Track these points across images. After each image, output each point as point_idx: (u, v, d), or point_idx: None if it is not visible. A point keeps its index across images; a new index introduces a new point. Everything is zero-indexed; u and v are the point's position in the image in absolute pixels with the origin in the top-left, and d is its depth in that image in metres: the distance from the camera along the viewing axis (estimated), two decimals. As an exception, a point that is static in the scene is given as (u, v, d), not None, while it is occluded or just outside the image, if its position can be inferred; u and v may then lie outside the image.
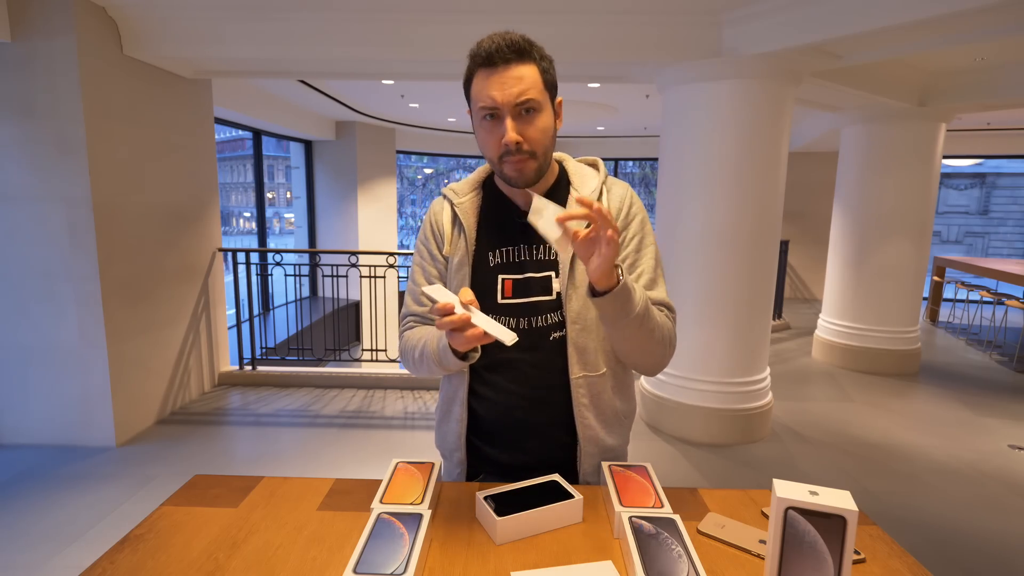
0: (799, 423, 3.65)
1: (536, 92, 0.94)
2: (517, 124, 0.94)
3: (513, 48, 0.92)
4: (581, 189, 1.06)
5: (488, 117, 0.95)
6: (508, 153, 0.95)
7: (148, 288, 3.37)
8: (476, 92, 0.96)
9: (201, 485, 1.03)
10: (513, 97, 0.92)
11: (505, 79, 0.92)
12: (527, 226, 1.02)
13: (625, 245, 1.06)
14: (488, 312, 1.02)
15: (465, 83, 0.99)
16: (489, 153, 0.99)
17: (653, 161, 10.01)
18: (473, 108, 0.98)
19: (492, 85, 0.93)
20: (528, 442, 1.07)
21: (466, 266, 1.05)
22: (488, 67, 0.93)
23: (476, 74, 0.95)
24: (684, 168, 3.24)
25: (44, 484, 2.71)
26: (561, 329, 1.04)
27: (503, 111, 0.93)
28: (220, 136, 4.98)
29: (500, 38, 0.93)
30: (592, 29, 3.00)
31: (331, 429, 3.44)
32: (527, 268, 1.04)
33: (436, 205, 1.12)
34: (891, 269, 4.60)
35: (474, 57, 0.95)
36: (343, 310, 6.79)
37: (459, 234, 1.07)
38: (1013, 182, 15.48)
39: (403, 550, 0.78)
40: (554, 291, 1.03)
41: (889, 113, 4.40)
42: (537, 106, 0.95)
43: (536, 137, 0.96)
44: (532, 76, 0.94)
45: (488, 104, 0.93)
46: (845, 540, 0.68)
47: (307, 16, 3.01)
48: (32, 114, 2.84)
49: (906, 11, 2.31)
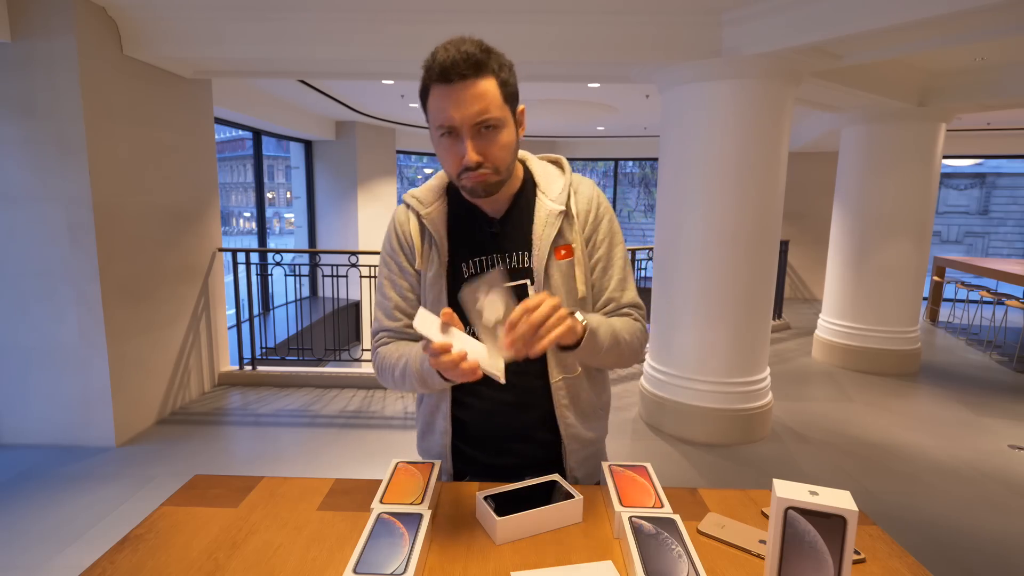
0: (799, 423, 3.65)
1: (496, 109, 0.90)
2: (476, 143, 0.90)
3: (470, 62, 0.87)
4: (548, 192, 1.04)
5: (446, 135, 0.91)
6: (468, 169, 0.92)
7: (148, 288, 3.37)
8: (432, 108, 0.91)
9: (201, 485, 1.03)
10: (472, 117, 0.88)
11: (463, 98, 0.88)
12: (496, 235, 1.04)
13: (596, 248, 1.06)
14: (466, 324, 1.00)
15: (421, 93, 0.94)
16: (448, 169, 0.96)
17: (653, 161, 10.01)
18: (431, 123, 0.93)
19: (449, 104, 0.88)
20: (512, 444, 1.08)
21: (442, 279, 1.02)
22: (444, 83, 0.88)
23: (432, 89, 0.90)
24: (684, 168, 3.24)
25: (44, 484, 2.71)
26: None
27: (461, 131, 0.90)
28: (220, 136, 4.98)
29: (455, 50, 0.87)
30: (592, 29, 3.00)
31: (331, 429, 3.44)
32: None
33: (401, 215, 1.07)
34: (891, 269, 4.60)
35: (428, 70, 0.89)
36: (343, 310, 6.79)
37: (430, 246, 1.03)
38: (1013, 182, 15.48)
39: (403, 550, 0.78)
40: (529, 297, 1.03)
41: (889, 113, 4.40)
42: (497, 123, 0.91)
43: (497, 154, 0.93)
44: (491, 92, 0.89)
45: (445, 123, 0.90)
46: (845, 540, 0.68)
47: (307, 16, 3.01)
48: (32, 114, 2.84)
49: (906, 11, 2.31)
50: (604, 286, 1.06)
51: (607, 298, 1.06)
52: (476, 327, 0.85)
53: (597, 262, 1.06)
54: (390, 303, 1.07)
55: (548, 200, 1.03)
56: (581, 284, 1.03)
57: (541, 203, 1.03)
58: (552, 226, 1.01)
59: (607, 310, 1.06)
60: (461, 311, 0.97)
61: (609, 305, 1.06)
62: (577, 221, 1.04)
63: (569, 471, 1.10)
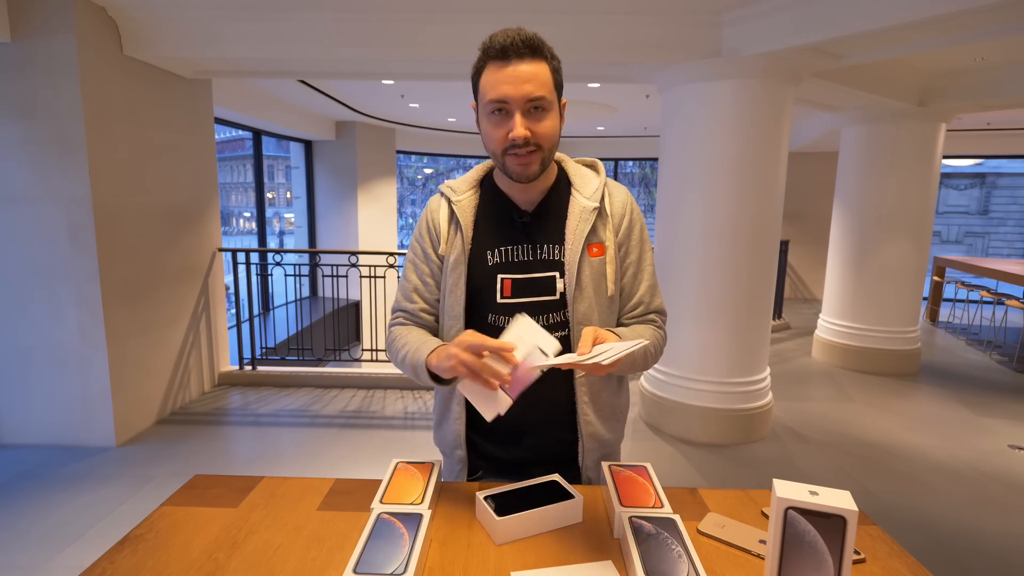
0: (799, 423, 3.65)
1: (547, 91, 0.94)
2: (526, 120, 0.94)
3: (527, 44, 0.92)
4: (582, 190, 1.06)
5: (497, 112, 0.95)
6: (514, 146, 0.95)
7: (148, 288, 3.37)
8: (486, 85, 0.95)
9: (201, 485, 1.03)
10: (525, 94, 0.92)
11: (518, 74, 0.92)
12: (528, 225, 1.05)
13: (629, 252, 1.08)
14: (487, 314, 1.04)
15: (474, 75, 0.98)
16: (493, 147, 0.98)
17: (653, 161, 10.01)
18: (480, 101, 0.97)
19: (504, 80, 0.92)
20: (528, 439, 1.08)
21: (462, 264, 1.04)
22: (501, 61, 0.93)
23: (487, 67, 0.95)
24: (684, 168, 3.24)
25: (44, 484, 2.71)
26: (563, 329, 1.05)
27: (513, 107, 0.93)
28: (220, 136, 4.98)
29: (515, 33, 0.93)
30: (592, 29, 3.00)
31: (331, 429, 3.44)
32: (530, 268, 1.04)
33: (433, 203, 1.11)
34: (891, 269, 4.60)
35: (487, 50, 0.94)
36: (343, 310, 6.79)
37: (456, 232, 1.05)
38: (1013, 182, 15.48)
39: (403, 550, 0.78)
40: (558, 291, 1.03)
41: (889, 113, 4.40)
42: (547, 105, 0.95)
43: (544, 134, 0.96)
44: (544, 74, 0.94)
45: (498, 98, 0.93)
46: (845, 540, 0.68)
47: (307, 16, 3.01)
48: (32, 114, 2.84)
49: (906, 11, 2.31)
50: (635, 290, 1.09)
51: (637, 301, 1.09)
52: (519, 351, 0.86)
53: (629, 266, 1.08)
54: (410, 285, 1.10)
55: (583, 197, 1.05)
56: (611, 283, 1.05)
57: (576, 199, 1.05)
58: (586, 222, 1.03)
59: (636, 312, 1.09)
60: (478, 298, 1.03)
61: (639, 308, 1.09)
62: (611, 221, 1.06)
63: (584, 470, 1.09)
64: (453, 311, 1.05)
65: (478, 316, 1.05)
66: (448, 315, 1.06)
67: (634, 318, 1.09)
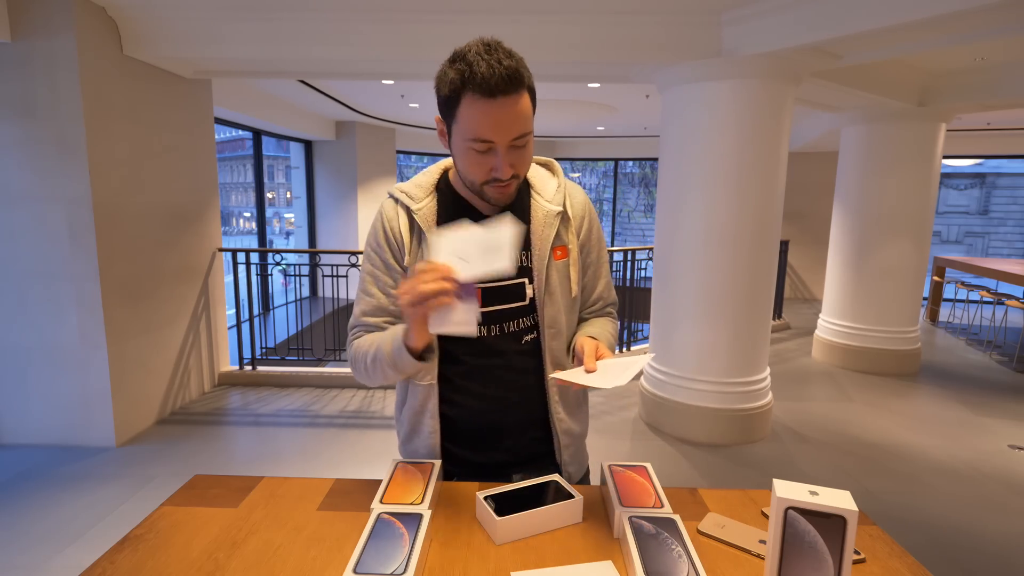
0: (799, 423, 3.65)
1: (529, 123, 0.92)
2: (510, 156, 0.92)
3: (512, 79, 0.87)
4: (543, 193, 1.05)
5: (478, 145, 0.91)
6: (498, 181, 0.93)
7: (148, 288, 3.37)
8: (468, 119, 0.89)
9: (201, 485, 1.03)
10: (511, 134, 0.90)
11: (505, 117, 0.88)
12: None
13: (589, 252, 1.11)
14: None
15: (449, 95, 0.90)
16: (473, 177, 0.95)
17: (653, 161, 10.01)
18: (459, 131, 0.92)
19: (490, 121, 0.88)
20: (504, 441, 1.09)
21: None
22: (484, 96, 0.86)
23: (466, 96, 0.88)
24: (684, 168, 3.24)
25: (44, 484, 2.71)
26: (533, 332, 1.06)
27: (499, 147, 0.90)
28: (220, 136, 4.98)
29: (497, 63, 0.85)
30: (593, 29, 3.00)
31: (331, 429, 3.44)
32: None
33: (389, 210, 1.05)
34: (891, 269, 4.60)
35: (465, 79, 0.87)
36: (343, 310, 6.78)
37: (419, 243, 1.03)
38: (1013, 182, 15.48)
39: (403, 550, 0.78)
40: (527, 297, 1.04)
41: (889, 113, 4.40)
42: (528, 136, 0.93)
43: (525, 165, 0.96)
44: (526, 107, 0.91)
45: (484, 138, 0.89)
46: (845, 540, 0.68)
47: (307, 16, 3.01)
48: (32, 114, 2.84)
49: (906, 11, 2.31)
50: (595, 287, 1.14)
51: (597, 297, 1.14)
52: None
53: (590, 265, 1.12)
54: (373, 301, 1.06)
55: (544, 201, 1.05)
56: (575, 284, 1.07)
57: (538, 203, 1.05)
58: (551, 226, 1.04)
59: (595, 308, 1.15)
60: None
61: (598, 304, 1.15)
62: (573, 223, 1.07)
63: (564, 466, 1.11)
64: None
65: None
66: None
67: (592, 313, 1.15)
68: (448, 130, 0.95)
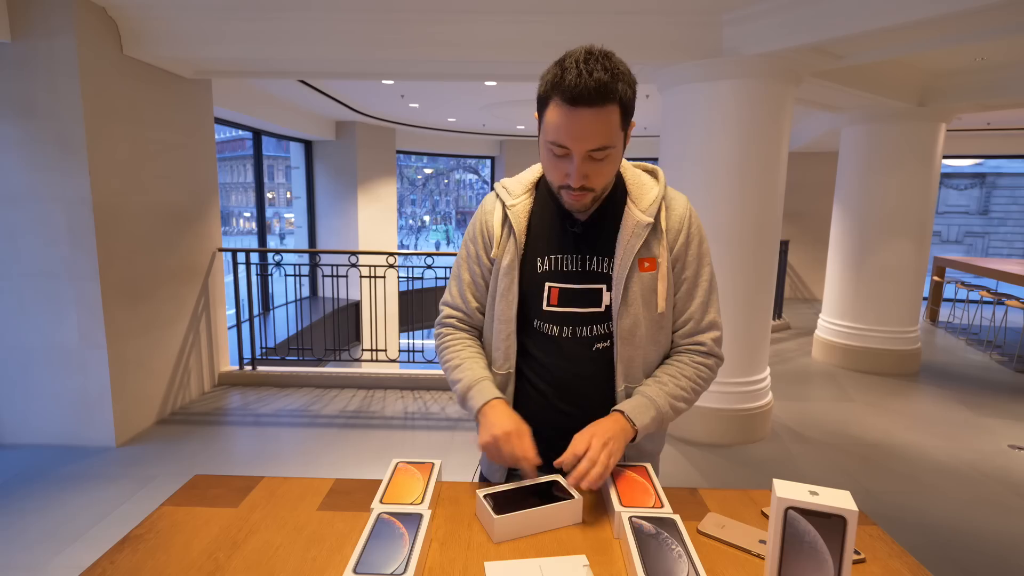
0: (799, 423, 3.65)
1: (610, 138, 0.90)
2: (584, 167, 0.92)
3: (600, 92, 0.86)
4: (638, 202, 1.02)
5: (557, 149, 0.93)
6: (569, 188, 0.95)
7: (148, 288, 3.37)
8: (550, 122, 0.91)
9: (201, 485, 1.03)
10: (586, 146, 0.90)
11: (583, 128, 0.88)
12: (580, 236, 1.04)
13: (684, 268, 1.05)
14: (533, 319, 1.06)
15: (541, 95, 0.93)
16: (551, 178, 0.99)
17: (653, 161, 10.00)
18: (543, 131, 0.94)
19: (568, 128, 0.89)
20: (561, 443, 1.02)
21: (515, 270, 1.04)
22: (568, 105, 0.87)
23: (553, 101, 0.90)
24: (684, 168, 3.24)
25: (44, 484, 2.71)
26: (605, 340, 1.04)
27: (574, 154, 0.91)
28: (220, 136, 4.98)
29: (587, 75, 0.85)
30: (593, 29, 3.00)
31: (331, 429, 3.44)
32: (577, 279, 1.03)
33: (488, 204, 1.11)
34: (891, 269, 4.60)
35: (554, 83, 0.88)
36: (343, 310, 6.79)
37: (508, 236, 1.06)
38: (1013, 182, 15.48)
39: (403, 550, 0.78)
40: (603, 304, 1.03)
41: (889, 113, 4.40)
42: (608, 151, 0.92)
43: (601, 179, 0.95)
44: (612, 121, 0.89)
45: (560, 143, 0.91)
46: (845, 540, 0.68)
47: (307, 16, 3.01)
48: (32, 114, 2.84)
49: (906, 11, 2.31)
50: (687, 306, 1.06)
51: (688, 317, 1.07)
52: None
53: (684, 281, 1.05)
54: (465, 282, 1.12)
55: (638, 210, 1.02)
56: (662, 300, 1.02)
57: (630, 212, 1.02)
58: (638, 236, 1.00)
59: (684, 330, 1.07)
60: (526, 303, 1.05)
61: (688, 325, 1.07)
62: (666, 236, 1.02)
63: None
64: (504, 315, 1.05)
65: (524, 320, 1.07)
66: (499, 319, 1.06)
67: (683, 336, 1.08)
68: (539, 127, 0.98)
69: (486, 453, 0.96)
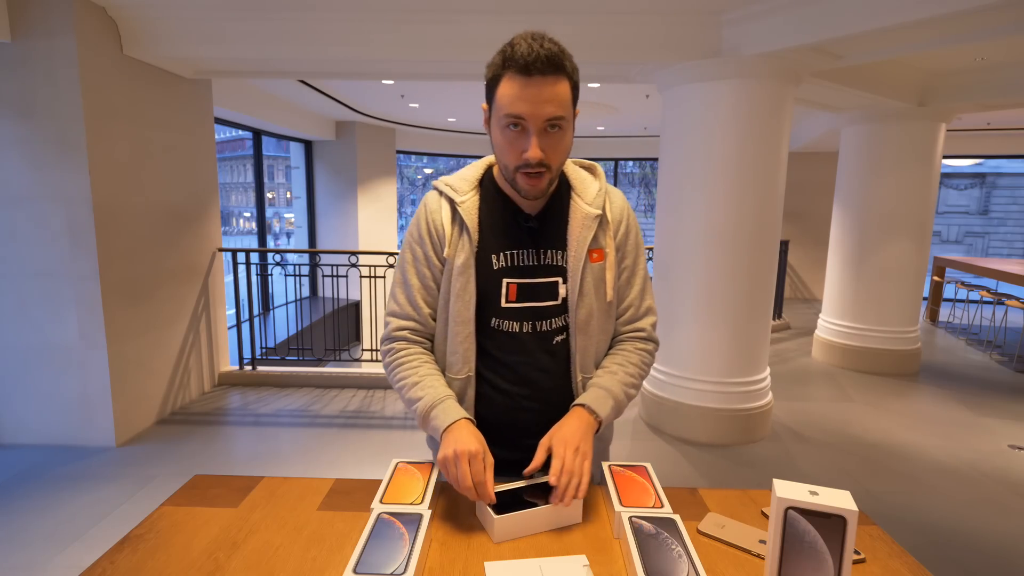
0: (799, 423, 3.65)
1: (565, 110, 0.93)
2: (542, 140, 0.93)
3: (552, 61, 0.89)
4: (583, 195, 1.06)
5: (512, 126, 0.93)
6: (527, 166, 0.94)
7: (148, 288, 3.37)
8: (504, 97, 0.92)
9: (201, 485, 1.03)
10: (544, 114, 0.91)
11: (539, 94, 0.90)
12: (533, 230, 1.05)
13: (625, 256, 1.10)
14: (491, 318, 1.05)
15: (490, 79, 0.95)
16: (506, 161, 0.97)
17: (653, 161, 10.01)
18: (495, 110, 0.95)
19: (524, 97, 0.90)
20: (528, 440, 1.07)
21: (471, 268, 1.02)
22: (522, 75, 0.89)
23: (505, 76, 0.91)
24: (684, 168, 3.24)
25: (44, 484, 2.71)
26: (563, 333, 1.06)
27: (530, 126, 0.92)
28: (220, 136, 4.98)
29: (539, 46, 0.88)
30: (592, 29, 3.00)
31: (331, 429, 3.44)
32: (534, 273, 1.04)
33: (433, 203, 1.07)
34: (891, 269, 4.60)
35: (508, 60, 0.90)
36: (343, 310, 6.79)
37: (461, 235, 1.03)
38: (1013, 182, 15.48)
39: (403, 550, 0.78)
40: (560, 296, 1.04)
41: (889, 113, 4.40)
42: (563, 124, 0.94)
43: (557, 156, 0.96)
44: (564, 93, 0.92)
45: (516, 114, 0.91)
46: (845, 540, 0.68)
47: (307, 16, 3.01)
48: (32, 114, 2.84)
49: (906, 11, 2.31)
50: (626, 294, 1.12)
51: (627, 305, 1.12)
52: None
53: (624, 270, 1.10)
54: (414, 288, 1.07)
55: (584, 203, 1.05)
56: (610, 288, 1.06)
57: (577, 205, 1.05)
58: (588, 229, 1.04)
59: (625, 317, 1.12)
60: (483, 302, 1.04)
61: (628, 312, 1.12)
62: (611, 227, 1.07)
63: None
64: (462, 316, 1.03)
65: (481, 320, 1.05)
66: (456, 321, 1.03)
67: (624, 323, 1.13)
68: (489, 115, 0.98)
69: (444, 469, 0.90)
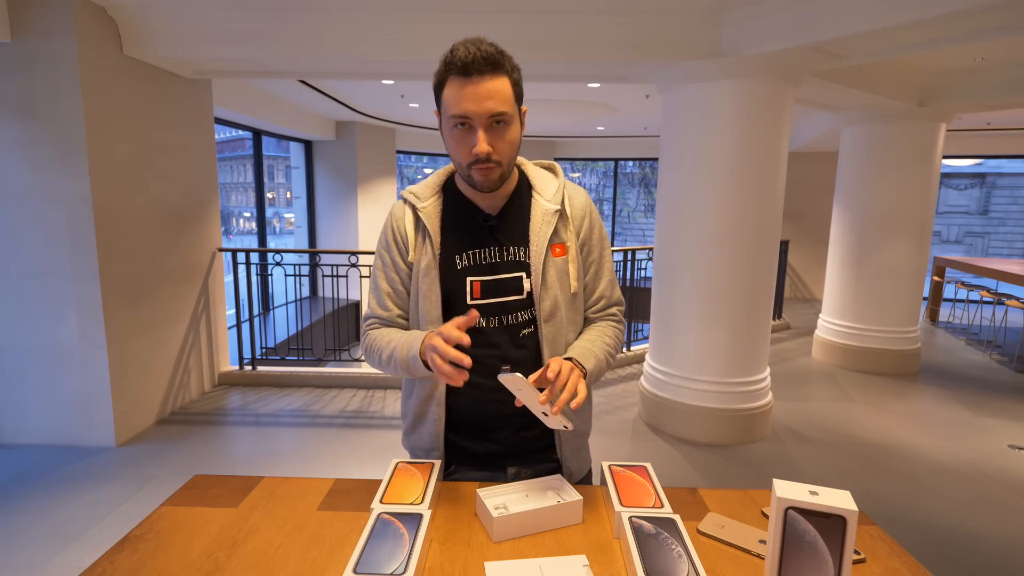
0: (799, 423, 3.65)
1: (507, 106, 0.97)
2: (488, 136, 0.97)
3: (489, 61, 0.94)
4: (543, 193, 1.10)
5: (459, 126, 0.98)
6: (478, 161, 0.98)
7: (148, 288, 3.37)
8: (449, 100, 0.98)
9: (201, 485, 1.03)
10: (487, 111, 0.95)
11: (479, 92, 0.95)
12: (494, 228, 1.09)
13: (591, 252, 1.15)
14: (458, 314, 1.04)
15: (436, 85, 1.01)
16: (458, 159, 1.02)
17: (653, 161, 10.01)
18: (444, 113, 1.00)
19: (466, 96, 0.95)
20: (502, 432, 1.12)
21: (433, 270, 1.07)
22: (462, 76, 0.95)
23: (449, 80, 0.97)
24: (684, 168, 3.24)
25: (44, 484, 2.71)
26: (531, 325, 1.10)
27: (475, 123, 0.96)
28: (220, 136, 4.98)
29: (475, 48, 0.94)
30: (592, 29, 3.00)
31: (331, 429, 3.44)
32: (497, 269, 1.08)
33: (397, 210, 1.13)
34: (891, 269, 4.60)
35: (449, 65, 0.96)
36: (343, 310, 6.78)
37: (423, 239, 1.09)
38: (1013, 182, 15.48)
39: (403, 550, 0.78)
40: (524, 291, 1.08)
41: (889, 113, 4.40)
42: (507, 119, 0.98)
43: (505, 149, 1.00)
44: (505, 90, 0.97)
45: (461, 114, 0.96)
46: (845, 540, 0.68)
47: (307, 16, 3.01)
48: (32, 114, 2.84)
49: (906, 11, 2.31)
50: (596, 285, 1.17)
51: (599, 295, 1.17)
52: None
53: (591, 264, 1.16)
54: (382, 292, 1.14)
55: (544, 200, 1.10)
56: (574, 281, 1.11)
57: (537, 202, 1.10)
58: (548, 224, 1.08)
59: (598, 307, 1.18)
60: (450, 301, 1.07)
61: (600, 302, 1.18)
62: (572, 223, 1.12)
63: (563, 461, 1.14)
64: (429, 316, 1.08)
65: (449, 319, 1.07)
66: (424, 320, 1.08)
67: (596, 312, 1.18)
68: (440, 121, 1.03)
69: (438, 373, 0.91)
